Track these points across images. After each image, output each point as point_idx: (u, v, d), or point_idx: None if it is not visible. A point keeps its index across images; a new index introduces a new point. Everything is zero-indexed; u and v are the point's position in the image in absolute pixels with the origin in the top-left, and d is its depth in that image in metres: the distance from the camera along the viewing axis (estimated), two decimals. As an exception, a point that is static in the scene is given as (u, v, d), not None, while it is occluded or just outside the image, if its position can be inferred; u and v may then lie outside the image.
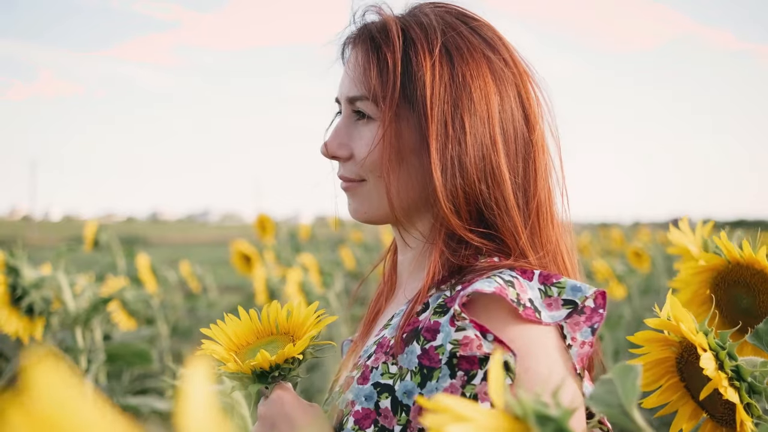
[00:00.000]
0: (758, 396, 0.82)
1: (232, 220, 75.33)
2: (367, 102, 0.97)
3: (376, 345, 0.94)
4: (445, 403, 0.42)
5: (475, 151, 0.92)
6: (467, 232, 0.93)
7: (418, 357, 0.86)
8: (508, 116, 0.95)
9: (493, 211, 0.93)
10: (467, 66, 0.94)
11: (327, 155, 1.02)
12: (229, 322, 0.99)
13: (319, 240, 7.35)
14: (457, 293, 0.87)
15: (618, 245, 8.35)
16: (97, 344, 2.08)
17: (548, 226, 0.98)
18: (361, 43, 0.99)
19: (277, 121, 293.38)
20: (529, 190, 0.96)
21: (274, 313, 1.00)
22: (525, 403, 0.44)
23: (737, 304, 1.00)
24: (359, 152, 0.98)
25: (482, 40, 0.97)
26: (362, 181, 1.00)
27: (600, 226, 14.64)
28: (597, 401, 0.52)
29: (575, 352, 0.86)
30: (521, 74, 0.99)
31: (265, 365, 0.91)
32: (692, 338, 0.82)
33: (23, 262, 1.67)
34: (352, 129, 1.00)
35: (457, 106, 0.93)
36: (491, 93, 0.94)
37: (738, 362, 0.82)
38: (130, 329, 2.80)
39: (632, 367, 0.52)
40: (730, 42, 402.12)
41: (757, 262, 0.95)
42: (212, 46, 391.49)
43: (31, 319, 1.69)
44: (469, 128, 0.92)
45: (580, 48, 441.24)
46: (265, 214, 5.20)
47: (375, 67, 0.96)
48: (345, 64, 1.03)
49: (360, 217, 1.02)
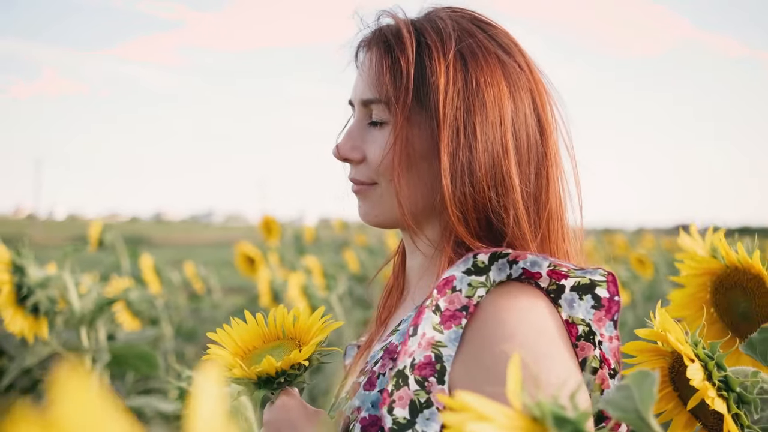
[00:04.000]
0: (747, 406, 0.82)
1: (236, 221, 75.31)
2: (381, 105, 0.97)
3: (383, 351, 0.93)
4: (467, 401, 0.43)
5: (485, 158, 0.92)
6: (474, 240, 0.92)
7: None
8: (522, 123, 0.95)
9: (502, 220, 0.92)
10: (481, 71, 0.94)
11: (339, 157, 1.01)
12: (235, 327, 0.99)
13: (324, 242, 7.35)
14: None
15: (622, 251, 8.33)
16: (101, 344, 2.08)
17: (558, 236, 0.97)
18: (375, 47, 0.99)
19: (282, 122, 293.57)
20: (540, 198, 0.96)
21: (280, 317, 1.00)
22: (543, 404, 0.45)
23: (735, 308, 1.00)
24: (372, 156, 0.98)
25: (498, 45, 0.97)
26: (374, 184, 0.99)
27: (604, 232, 14.61)
28: (613, 406, 0.52)
29: (606, 348, 0.86)
30: (536, 81, 0.98)
31: (271, 371, 0.91)
32: (679, 349, 0.82)
33: (29, 261, 1.67)
34: (365, 132, 1.00)
35: (470, 112, 0.92)
36: (505, 99, 0.94)
37: (727, 372, 0.82)
38: (134, 330, 2.80)
39: (649, 373, 0.52)
40: (733, 47, 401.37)
41: (753, 266, 0.95)
42: (217, 47, 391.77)
43: (36, 319, 1.69)
44: (481, 135, 0.92)
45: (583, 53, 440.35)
46: (270, 216, 5.21)
47: (388, 71, 0.95)
48: (359, 67, 1.03)
49: (371, 220, 1.02)
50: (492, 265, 0.86)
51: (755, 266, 0.95)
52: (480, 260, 0.86)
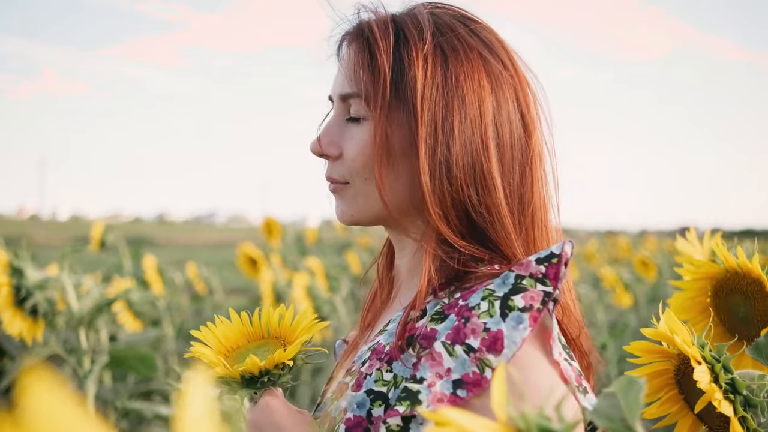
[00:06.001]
0: (754, 409, 0.81)
1: (238, 222, 75.47)
2: (359, 100, 0.95)
3: (370, 351, 0.92)
4: (449, 415, 0.42)
5: (464, 156, 0.90)
6: (456, 237, 0.91)
7: (413, 365, 0.84)
8: (504, 120, 0.93)
9: (484, 218, 0.91)
10: (462, 67, 0.92)
11: (316, 153, 0.99)
12: (219, 324, 0.96)
13: (326, 244, 7.35)
14: (456, 301, 0.86)
15: (625, 253, 8.33)
16: (102, 345, 2.08)
17: (542, 233, 0.96)
18: (354, 41, 0.97)
19: (285, 123, 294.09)
20: (524, 196, 0.94)
21: (265, 316, 0.98)
22: (528, 416, 0.44)
23: (735, 312, 0.99)
24: (348, 152, 0.96)
25: (480, 41, 0.95)
26: (346, 183, 0.97)
27: (606, 234, 14.62)
28: (599, 415, 0.51)
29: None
30: (520, 79, 0.96)
31: (255, 370, 0.89)
32: (687, 351, 0.81)
33: (27, 263, 1.67)
34: (344, 127, 0.98)
35: (449, 107, 0.90)
36: (486, 96, 0.92)
37: (733, 375, 0.82)
38: (136, 331, 2.80)
39: (635, 381, 0.51)
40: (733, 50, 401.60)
41: (753, 270, 0.95)
42: (219, 47, 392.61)
43: (35, 320, 1.69)
44: (459, 132, 0.90)
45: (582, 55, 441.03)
46: (271, 218, 5.21)
47: (366, 65, 0.94)
48: (339, 62, 1.01)
49: (347, 219, 1.00)
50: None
51: (755, 270, 0.95)
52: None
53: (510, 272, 0.84)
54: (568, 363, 0.86)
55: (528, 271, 0.84)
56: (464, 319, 0.82)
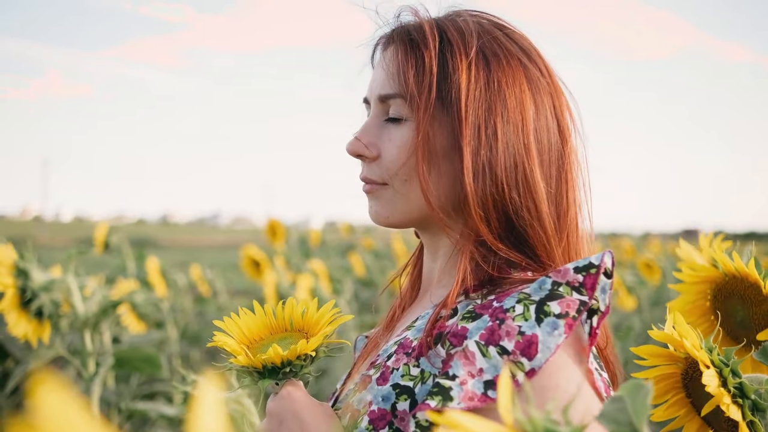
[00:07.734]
0: (762, 414, 0.82)
1: (242, 224, 75.56)
2: (400, 101, 0.95)
3: (397, 345, 0.92)
4: (456, 418, 0.42)
5: (506, 158, 0.91)
6: (495, 240, 0.91)
7: (442, 362, 0.84)
8: (543, 126, 0.94)
9: (524, 220, 0.91)
10: (503, 72, 0.93)
11: (353, 153, 0.99)
12: (242, 316, 0.97)
13: (329, 246, 7.35)
14: (489, 302, 0.86)
15: (629, 256, 8.31)
16: (106, 347, 2.08)
17: (577, 240, 0.97)
18: (398, 42, 0.98)
19: (288, 124, 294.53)
20: (561, 202, 0.95)
21: (288, 309, 0.98)
22: (535, 420, 0.44)
23: (733, 315, 1.00)
24: (387, 153, 0.96)
25: (519, 48, 0.96)
26: (384, 185, 0.98)
27: (610, 236, 14.59)
28: (607, 419, 0.51)
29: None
30: (555, 86, 0.98)
31: (277, 360, 0.89)
32: (695, 354, 0.81)
33: (33, 265, 1.67)
34: (382, 129, 0.98)
35: (492, 111, 0.91)
36: (527, 101, 0.93)
37: (742, 379, 0.82)
38: (140, 332, 2.80)
39: (643, 385, 0.51)
40: (738, 53, 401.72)
41: (750, 275, 0.95)
42: (223, 49, 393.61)
43: (41, 322, 1.69)
44: (502, 134, 0.91)
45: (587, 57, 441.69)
46: (275, 219, 5.21)
47: (412, 66, 0.94)
48: (377, 65, 1.01)
49: (382, 221, 1.00)
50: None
51: (752, 275, 0.95)
52: None
53: (547, 278, 0.84)
54: (598, 373, 0.87)
55: (565, 279, 0.83)
56: (499, 320, 0.82)
